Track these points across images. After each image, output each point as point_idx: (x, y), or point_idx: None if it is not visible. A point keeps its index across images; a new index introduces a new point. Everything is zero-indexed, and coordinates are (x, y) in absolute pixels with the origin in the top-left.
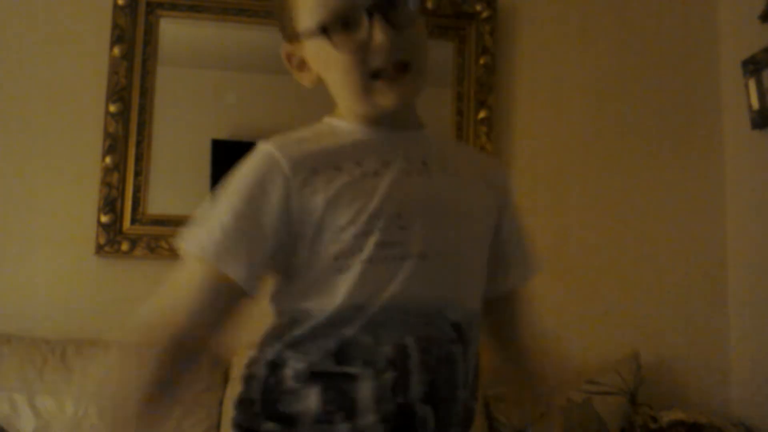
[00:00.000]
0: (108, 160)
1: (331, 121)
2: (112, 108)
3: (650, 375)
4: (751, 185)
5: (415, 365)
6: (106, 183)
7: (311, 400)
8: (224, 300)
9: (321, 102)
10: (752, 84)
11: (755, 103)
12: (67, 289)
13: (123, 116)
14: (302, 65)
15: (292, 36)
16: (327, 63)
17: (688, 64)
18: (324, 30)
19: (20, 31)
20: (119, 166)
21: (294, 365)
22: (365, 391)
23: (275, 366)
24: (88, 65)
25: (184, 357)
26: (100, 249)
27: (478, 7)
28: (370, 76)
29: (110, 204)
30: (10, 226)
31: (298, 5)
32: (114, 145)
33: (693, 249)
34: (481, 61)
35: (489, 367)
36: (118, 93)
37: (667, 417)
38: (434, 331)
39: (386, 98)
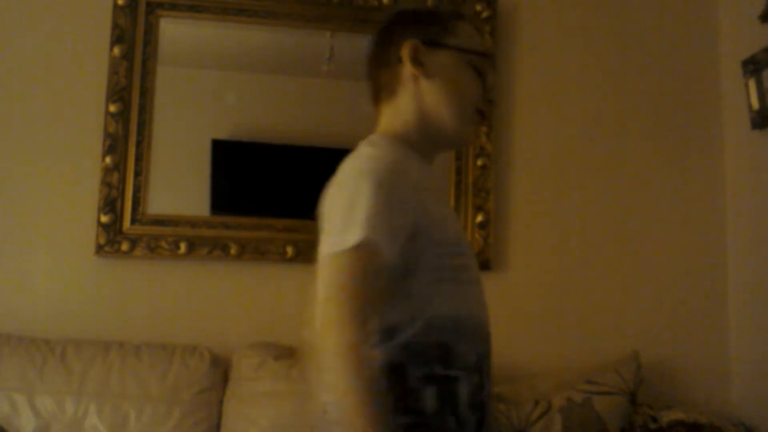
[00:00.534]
0: (108, 160)
1: (397, 144)
2: (112, 108)
3: (650, 375)
4: (751, 185)
5: (486, 368)
6: (106, 183)
7: (429, 398)
8: (384, 277)
9: (321, 103)
10: (752, 84)
11: (755, 103)
12: (67, 289)
13: (123, 116)
14: (419, 61)
15: (430, 40)
16: (455, 81)
17: (688, 64)
18: (479, 55)
19: (20, 31)
20: (119, 166)
21: (411, 369)
22: (464, 389)
23: (395, 369)
24: (88, 65)
25: (367, 340)
26: (100, 249)
27: (478, 7)
28: (476, 111)
29: (110, 204)
30: (10, 226)
31: (461, 28)
32: (114, 145)
33: (693, 249)
34: None
35: None
36: (118, 93)
37: (667, 417)
38: (487, 341)
39: (474, 133)
